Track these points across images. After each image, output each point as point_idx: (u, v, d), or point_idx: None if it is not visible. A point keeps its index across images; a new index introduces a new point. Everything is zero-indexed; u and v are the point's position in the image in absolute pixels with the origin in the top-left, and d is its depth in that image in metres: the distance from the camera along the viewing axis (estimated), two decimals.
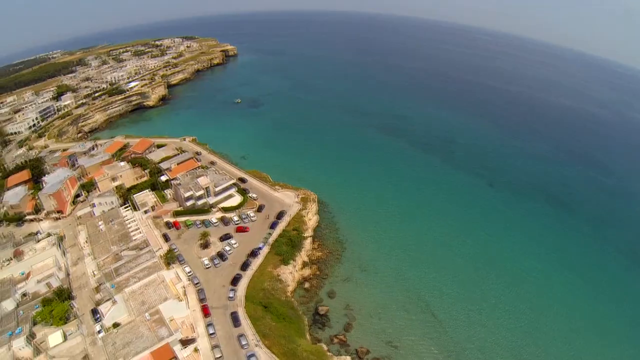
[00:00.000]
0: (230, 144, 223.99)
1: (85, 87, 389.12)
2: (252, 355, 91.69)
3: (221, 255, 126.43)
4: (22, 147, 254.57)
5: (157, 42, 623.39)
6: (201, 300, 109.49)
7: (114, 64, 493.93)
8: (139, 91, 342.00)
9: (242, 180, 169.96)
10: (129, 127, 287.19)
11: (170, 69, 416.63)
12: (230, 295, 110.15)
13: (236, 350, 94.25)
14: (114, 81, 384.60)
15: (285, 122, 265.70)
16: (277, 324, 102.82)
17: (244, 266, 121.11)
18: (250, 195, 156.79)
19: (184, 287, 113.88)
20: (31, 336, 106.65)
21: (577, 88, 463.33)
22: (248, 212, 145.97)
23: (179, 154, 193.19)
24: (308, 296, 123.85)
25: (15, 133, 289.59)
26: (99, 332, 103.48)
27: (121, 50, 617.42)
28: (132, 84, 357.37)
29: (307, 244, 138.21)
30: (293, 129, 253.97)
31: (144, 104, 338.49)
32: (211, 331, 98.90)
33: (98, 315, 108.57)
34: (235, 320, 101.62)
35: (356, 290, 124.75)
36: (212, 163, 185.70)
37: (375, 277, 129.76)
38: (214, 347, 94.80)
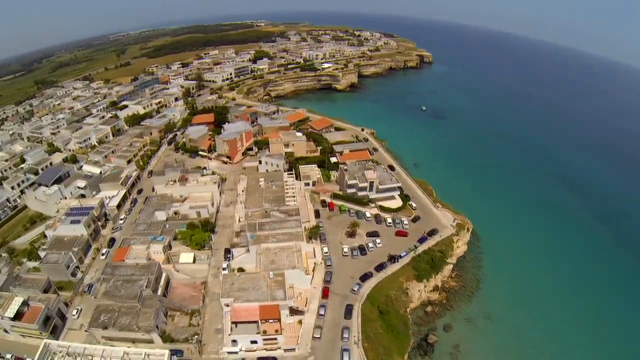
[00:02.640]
0: (406, 148, 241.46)
1: (281, 57, 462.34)
2: (347, 350, 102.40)
3: (362, 249, 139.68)
4: (213, 94, 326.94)
5: (356, 32, 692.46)
6: (326, 281, 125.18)
7: (312, 43, 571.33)
8: (331, 73, 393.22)
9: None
10: (313, 103, 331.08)
11: (365, 60, 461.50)
12: (355, 288, 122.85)
13: (335, 339, 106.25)
14: (308, 58, 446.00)
15: (466, 143, 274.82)
16: (384, 332, 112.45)
17: (379, 267, 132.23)
18: (410, 203, 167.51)
19: (315, 264, 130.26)
20: (168, 247, 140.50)
21: None
22: (403, 219, 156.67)
23: (354, 142, 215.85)
24: (425, 320, 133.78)
25: (211, 81, 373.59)
26: (224, 269, 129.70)
27: (321, 32, 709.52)
28: (326, 65, 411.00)
29: (446, 270, 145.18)
30: (471, 152, 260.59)
31: (333, 86, 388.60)
32: (321, 312, 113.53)
33: (229, 256, 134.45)
34: (348, 312, 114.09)
35: (472, 335, 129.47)
36: (387, 166, 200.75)
37: (495, 330, 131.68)
38: (317, 327, 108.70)
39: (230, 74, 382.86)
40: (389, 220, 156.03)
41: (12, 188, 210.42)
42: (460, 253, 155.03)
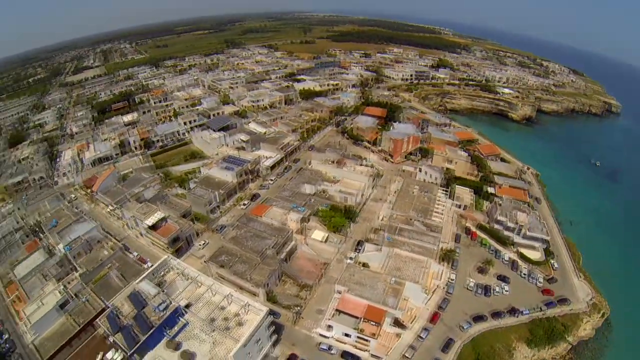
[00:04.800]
0: (565, 200, 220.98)
1: (463, 71, 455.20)
2: None
3: (487, 289, 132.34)
4: (389, 90, 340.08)
5: (542, 62, 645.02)
6: (440, 307, 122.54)
7: (495, 63, 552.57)
8: (509, 100, 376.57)
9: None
10: (485, 126, 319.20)
11: (546, 94, 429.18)
12: (464, 325, 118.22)
13: None
14: (489, 79, 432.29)
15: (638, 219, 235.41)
16: None
17: (496, 314, 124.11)
18: (552, 262, 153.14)
19: (436, 286, 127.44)
20: (306, 219, 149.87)
21: None
22: (538, 275, 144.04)
23: (515, 178, 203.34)
24: None
25: (390, 77, 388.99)
26: (350, 258, 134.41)
27: (506, 54, 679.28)
28: (506, 90, 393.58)
29: (562, 347, 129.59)
30: None
31: (508, 113, 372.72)
32: (422, 335, 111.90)
33: (359, 248, 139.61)
34: (446, 346, 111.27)
35: None
36: (537, 200, 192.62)
37: None
38: (411, 347, 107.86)
39: (410, 75, 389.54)
40: (525, 271, 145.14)
41: (184, 124, 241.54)
42: (584, 336, 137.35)
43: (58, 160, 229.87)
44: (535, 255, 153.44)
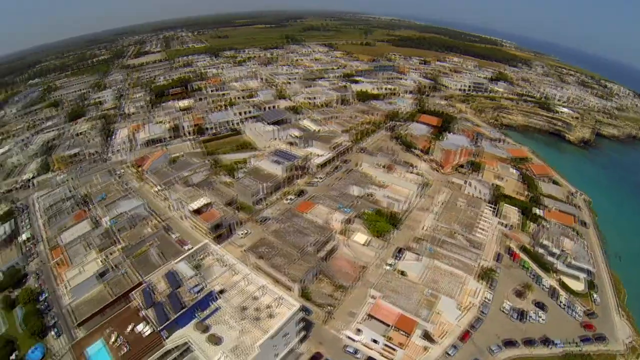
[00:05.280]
0: (616, 231, 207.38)
1: (521, 86, 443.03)
2: None
3: (522, 315, 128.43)
4: (445, 99, 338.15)
5: (605, 82, 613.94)
6: (472, 326, 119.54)
7: (555, 80, 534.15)
8: (566, 120, 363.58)
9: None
10: (539, 145, 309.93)
11: (607, 117, 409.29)
12: (494, 348, 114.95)
13: None
14: (548, 96, 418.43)
15: None
16: None
17: (528, 342, 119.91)
18: (593, 294, 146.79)
19: (471, 304, 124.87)
20: (348, 221, 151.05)
21: None
22: (577, 307, 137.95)
23: (565, 202, 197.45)
24: None
25: (446, 86, 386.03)
26: (389, 265, 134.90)
27: (567, 71, 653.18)
28: (564, 110, 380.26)
29: None
30: None
31: (564, 134, 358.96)
32: (450, 352, 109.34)
33: (399, 255, 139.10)
34: None
35: None
36: (585, 225, 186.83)
37: None
38: None
39: (467, 85, 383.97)
40: (564, 300, 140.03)
41: (238, 114, 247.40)
42: None
43: (112, 137, 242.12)
44: (577, 285, 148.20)
